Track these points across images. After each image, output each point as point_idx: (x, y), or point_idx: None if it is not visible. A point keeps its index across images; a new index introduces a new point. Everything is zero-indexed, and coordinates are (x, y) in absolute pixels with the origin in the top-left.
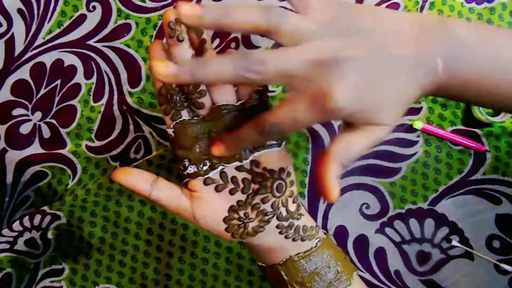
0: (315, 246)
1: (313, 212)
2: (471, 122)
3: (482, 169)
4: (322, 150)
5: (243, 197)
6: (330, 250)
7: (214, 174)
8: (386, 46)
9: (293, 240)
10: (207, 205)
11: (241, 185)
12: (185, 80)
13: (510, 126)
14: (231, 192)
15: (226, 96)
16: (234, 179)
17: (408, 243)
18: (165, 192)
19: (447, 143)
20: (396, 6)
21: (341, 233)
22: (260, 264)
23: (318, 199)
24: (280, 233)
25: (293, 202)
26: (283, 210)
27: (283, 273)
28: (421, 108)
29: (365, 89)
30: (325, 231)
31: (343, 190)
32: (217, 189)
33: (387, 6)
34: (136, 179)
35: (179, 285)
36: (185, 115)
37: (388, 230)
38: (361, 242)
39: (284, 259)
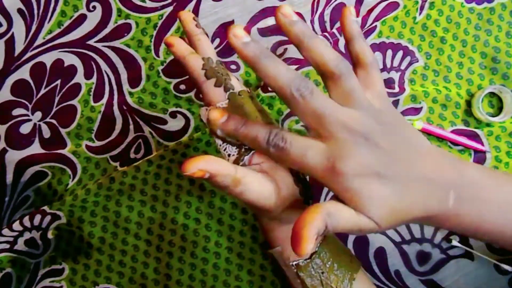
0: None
1: None
2: (471, 122)
3: None
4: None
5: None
6: (334, 240)
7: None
8: (414, 160)
9: None
10: (280, 171)
11: None
12: (248, 55)
13: (510, 126)
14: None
15: (239, 86)
16: None
17: (408, 243)
18: (245, 170)
19: (447, 143)
20: (395, 5)
21: (341, 233)
22: (295, 262)
23: (318, 199)
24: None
25: None
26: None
27: (320, 261)
28: (421, 108)
29: (374, 179)
30: None
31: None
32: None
33: (386, 6)
34: (216, 162)
35: (179, 285)
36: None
37: (388, 230)
38: (361, 242)
39: (318, 245)
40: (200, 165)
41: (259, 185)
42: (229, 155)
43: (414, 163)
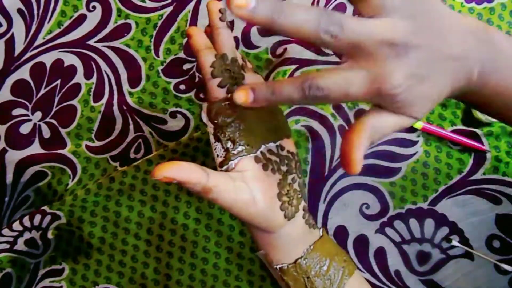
0: (321, 236)
1: (313, 212)
2: (471, 122)
3: (482, 169)
4: (357, 120)
5: (280, 176)
6: (331, 240)
7: (258, 154)
8: (442, 41)
9: (309, 227)
10: (261, 182)
11: (276, 166)
12: (261, 20)
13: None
14: (273, 171)
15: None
16: (270, 160)
17: (408, 243)
18: (220, 179)
19: (447, 143)
20: None
21: (341, 233)
22: (279, 266)
23: (318, 199)
24: (303, 217)
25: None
26: (305, 191)
27: (305, 266)
28: None
29: (418, 81)
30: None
31: (343, 190)
32: (265, 167)
33: None
34: (187, 170)
35: (179, 285)
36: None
37: (388, 230)
38: (361, 242)
39: (305, 250)
40: (168, 172)
41: (233, 194)
42: (217, 155)
43: (446, 48)
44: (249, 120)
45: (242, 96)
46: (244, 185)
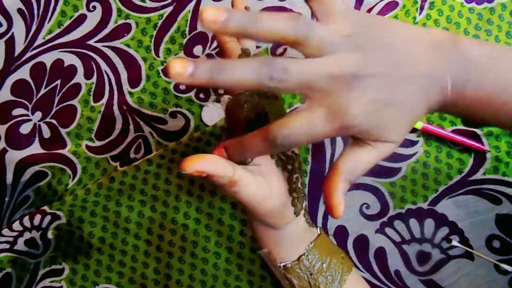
0: (319, 234)
1: (313, 212)
2: (471, 122)
3: (482, 169)
4: (332, 165)
5: (288, 174)
6: (327, 238)
7: None
8: (402, 65)
9: (309, 225)
10: (275, 176)
11: (283, 164)
12: (201, 82)
13: None
14: (282, 169)
15: None
16: (279, 156)
17: (408, 243)
18: (243, 172)
19: (447, 143)
20: (394, 5)
21: (341, 233)
22: (283, 264)
23: (318, 199)
24: (304, 215)
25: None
26: (306, 191)
27: (308, 263)
28: None
29: (381, 106)
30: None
31: None
32: (277, 164)
33: (385, 5)
34: (216, 162)
35: (179, 285)
36: None
37: (388, 230)
38: (361, 242)
39: (307, 247)
40: (198, 165)
41: (254, 188)
42: None
43: (407, 68)
44: (265, 116)
45: (210, 15)
46: (263, 180)
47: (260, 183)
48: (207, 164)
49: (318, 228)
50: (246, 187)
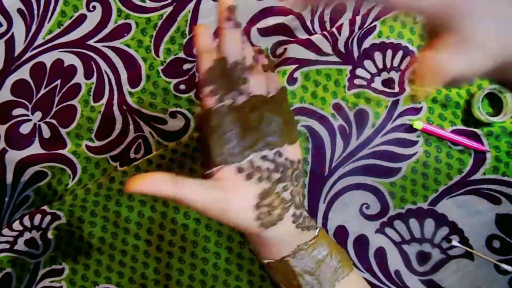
0: (317, 236)
1: (313, 212)
2: (471, 122)
3: (482, 169)
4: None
5: (267, 185)
6: (328, 239)
7: (244, 163)
8: None
9: (301, 229)
10: (240, 193)
11: (266, 174)
12: None
13: (510, 126)
14: (259, 180)
15: (260, 89)
16: (260, 168)
17: (408, 243)
18: (191, 188)
19: (447, 143)
20: None
21: (341, 233)
22: (266, 261)
23: (318, 199)
24: (293, 222)
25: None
26: (297, 199)
27: (293, 265)
28: (421, 108)
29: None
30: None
31: (343, 190)
32: (249, 177)
33: None
34: (156, 182)
35: (179, 285)
36: (225, 100)
37: (388, 230)
38: (361, 242)
39: (293, 250)
40: (139, 187)
41: (204, 205)
42: (201, 163)
43: None
44: (242, 129)
45: None
46: (218, 194)
47: (212, 198)
48: (147, 185)
49: (317, 230)
50: (193, 203)
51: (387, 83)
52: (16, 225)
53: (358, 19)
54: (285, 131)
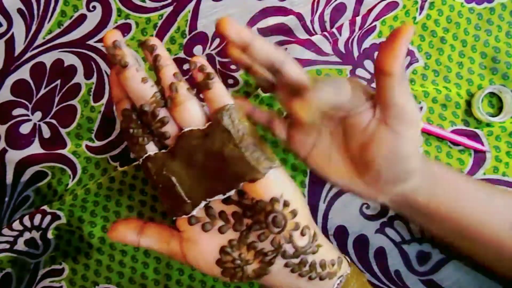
0: (338, 284)
1: (313, 212)
2: (471, 122)
3: (482, 169)
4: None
5: (236, 235)
6: (357, 283)
7: (199, 211)
8: None
9: (309, 278)
10: (197, 246)
11: (232, 221)
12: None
13: (510, 126)
14: (221, 230)
15: (193, 120)
16: (222, 215)
17: (408, 243)
18: (153, 238)
19: (447, 143)
20: (395, 5)
21: (341, 233)
22: None
23: (318, 199)
24: (292, 271)
25: (302, 234)
26: (288, 247)
27: None
28: (421, 108)
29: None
30: (349, 260)
31: (343, 190)
32: (204, 229)
33: (385, 6)
34: (122, 232)
35: (179, 285)
36: (151, 148)
37: (388, 230)
38: (361, 242)
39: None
40: (111, 236)
41: (167, 254)
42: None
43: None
44: (186, 174)
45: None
46: (177, 250)
47: (173, 251)
48: (117, 234)
49: (338, 280)
50: (157, 251)
51: None
52: (16, 225)
53: (358, 19)
54: (244, 163)
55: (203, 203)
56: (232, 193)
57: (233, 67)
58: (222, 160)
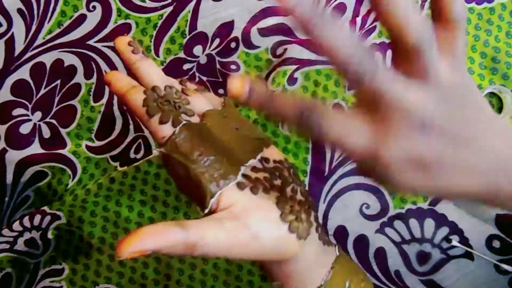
0: (338, 255)
1: None
2: None
3: None
4: None
5: (276, 193)
6: (348, 265)
7: (240, 178)
8: (478, 142)
9: (323, 243)
10: (258, 210)
11: (268, 183)
12: (301, 19)
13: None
14: (266, 191)
15: (206, 105)
16: (258, 179)
17: (408, 243)
18: (203, 228)
19: None
20: None
21: (341, 233)
22: None
23: (318, 199)
24: (317, 229)
25: None
26: (310, 199)
27: None
28: None
29: (417, 168)
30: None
31: (343, 190)
32: (254, 191)
33: None
34: (160, 233)
35: (179, 285)
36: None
37: (388, 230)
38: (361, 242)
39: (325, 276)
40: (136, 246)
41: (225, 241)
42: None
43: (478, 147)
44: (216, 147)
45: (235, 86)
46: (237, 224)
47: (232, 230)
48: (145, 240)
49: (336, 248)
50: (212, 245)
51: None
52: (16, 226)
53: (359, 19)
54: (255, 135)
55: (242, 169)
56: (259, 157)
57: (233, 67)
58: (244, 132)
